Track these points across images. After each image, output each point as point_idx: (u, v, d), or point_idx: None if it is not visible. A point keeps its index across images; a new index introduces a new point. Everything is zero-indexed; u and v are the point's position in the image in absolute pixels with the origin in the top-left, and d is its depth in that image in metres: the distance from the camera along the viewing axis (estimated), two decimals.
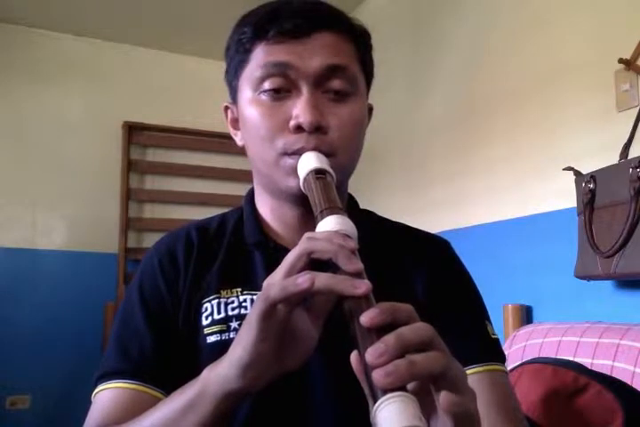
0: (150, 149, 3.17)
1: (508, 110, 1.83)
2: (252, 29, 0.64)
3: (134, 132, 3.07)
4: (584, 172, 1.42)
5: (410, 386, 0.40)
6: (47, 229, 2.88)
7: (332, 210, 0.53)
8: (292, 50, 0.62)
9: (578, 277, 1.41)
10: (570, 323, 1.35)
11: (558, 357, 1.24)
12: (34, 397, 2.69)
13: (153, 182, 3.14)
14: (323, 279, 0.44)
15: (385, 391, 0.37)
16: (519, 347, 1.42)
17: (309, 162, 0.59)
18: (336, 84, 0.64)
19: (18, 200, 2.84)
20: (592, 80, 1.52)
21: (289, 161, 0.62)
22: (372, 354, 0.38)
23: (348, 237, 0.49)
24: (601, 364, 1.17)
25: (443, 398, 0.39)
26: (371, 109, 0.73)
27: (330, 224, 0.51)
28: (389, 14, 2.60)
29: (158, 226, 2.98)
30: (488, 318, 0.71)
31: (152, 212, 3.10)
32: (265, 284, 0.47)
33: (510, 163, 1.80)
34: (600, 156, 1.43)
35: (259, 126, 0.63)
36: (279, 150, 0.62)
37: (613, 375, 1.10)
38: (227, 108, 0.73)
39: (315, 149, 0.61)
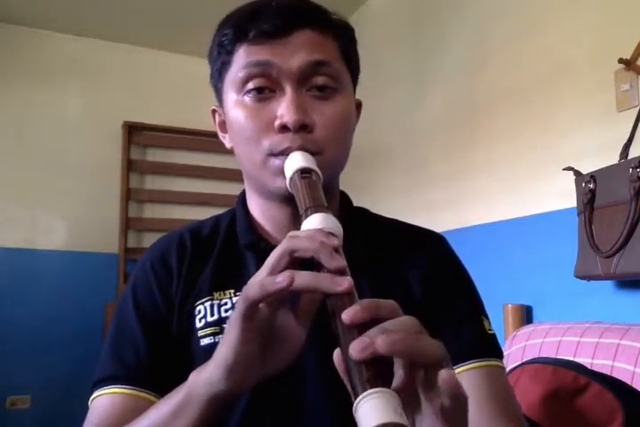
0: (150, 149, 3.16)
1: (508, 110, 1.83)
2: (233, 31, 0.64)
3: (134, 132, 3.07)
4: (584, 172, 1.42)
5: (395, 384, 0.40)
6: (47, 229, 2.87)
7: (316, 208, 0.52)
8: (273, 49, 0.62)
9: (578, 277, 1.41)
10: (570, 323, 1.35)
11: (558, 357, 1.24)
12: (34, 397, 2.68)
13: (153, 182, 3.14)
14: (303, 277, 0.43)
15: (365, 388, 0.37)
16: (519, 347, 1.42)
17: (295, 162, 0.59)
18: (319, 80, 0.63)
19: (18, 200, 2.84)
20: (592, 80, 1.52)
21: (276, 162, 0.62)
22: (354, 348, 0.38)
23: (332, 234, 0.49)
24: (601, 364, 1.17)
25: (444, 373, 0.37)
26: (359, 105, 0.72)
27: (314, 222, 0.51)
28: (390, 14, 2.59)
29: (158, 226, 2.98)
30: (485, 314, 0.70)
31: (152, 212, 3.10)
32: (247, 285, 0.46)
33: (510, 163, 1.80)
34: (600, 156, 1.43)
35: (244, 128, 0.63)
36: (266, 151, 0.62)
37: (613, 375, 1.10)
38: (214, 111, 0.73)
39: (301, 147, 0.61)
